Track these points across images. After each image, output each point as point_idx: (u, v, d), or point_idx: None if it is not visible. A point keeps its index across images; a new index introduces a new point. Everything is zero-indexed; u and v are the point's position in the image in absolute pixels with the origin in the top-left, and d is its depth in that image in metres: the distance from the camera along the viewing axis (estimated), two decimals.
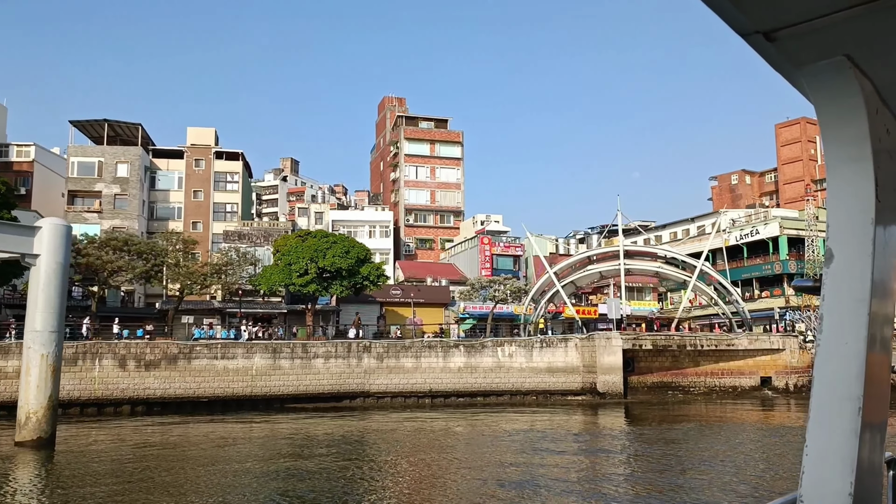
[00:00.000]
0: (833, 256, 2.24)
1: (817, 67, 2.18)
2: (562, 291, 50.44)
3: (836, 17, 1.96)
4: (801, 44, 2.10)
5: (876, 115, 2.26)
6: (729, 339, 47.19)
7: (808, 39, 2.07)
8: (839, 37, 2.06)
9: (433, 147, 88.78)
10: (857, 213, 2.22)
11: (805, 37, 2.06)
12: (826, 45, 2.10)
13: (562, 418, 38.57)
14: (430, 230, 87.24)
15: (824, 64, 2.16)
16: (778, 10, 1.96)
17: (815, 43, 2.09)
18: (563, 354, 45.09)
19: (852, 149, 2.22)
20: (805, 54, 2.15)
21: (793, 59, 2.17)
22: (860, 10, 1.92)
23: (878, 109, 2.28)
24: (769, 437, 31.22)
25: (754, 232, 72.23)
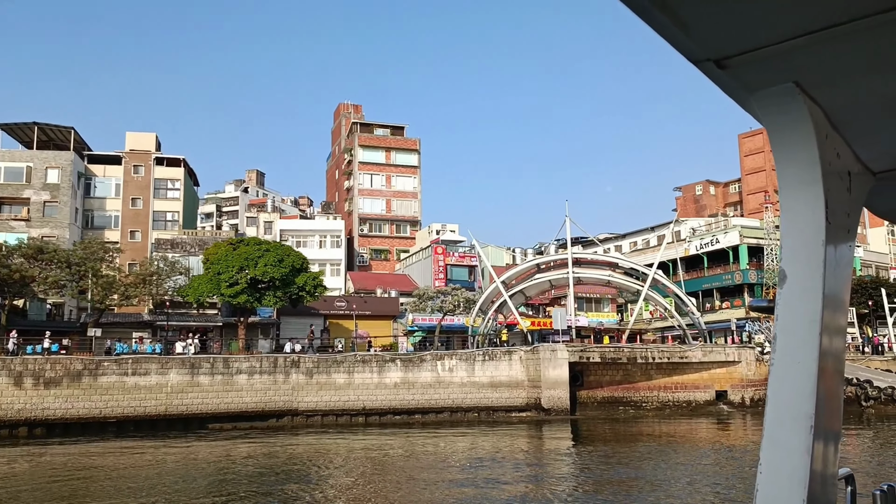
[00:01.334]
0: (786, 277, 2.31)
1: (768, 94, 2.25)
2: (509, 301, 47.83)
3: (785, 46, 2.00)
4: (752, 71, 2.16)
5: (826, 139, 2.34)
6: (682, 351, 44.83)
7: (758, 66, 2.13)
8: (788, 64, 2.12)
9: (389, 155, 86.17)
10: (809, 235, 2.29)
11: (755, 64, 2.11)
12: (775, 72, 2.16)
13: (503, 438, 35.94)
14: (385, 240, 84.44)
15: (774, 90, 2.23)
16: (728, 37, 2.00)
17: (764, 70, 2.15)
18: (506, 368, 42.42)
19: (803, 172, 2.30)
20: (755, 81, 2.22)
21: (744, 85, 2.24)
22: (807, 39, 1.96)
23: (827, 134, 2.36)
24: (724, 457, 29.00)
25: (714, 241, 70.36)
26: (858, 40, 1.99)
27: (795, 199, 2.31)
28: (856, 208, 2.64)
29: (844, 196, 2.46)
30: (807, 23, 1.92)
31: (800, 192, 2.30)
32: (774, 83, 2.20)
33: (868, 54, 2.07)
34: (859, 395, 43.35)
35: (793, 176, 2.31)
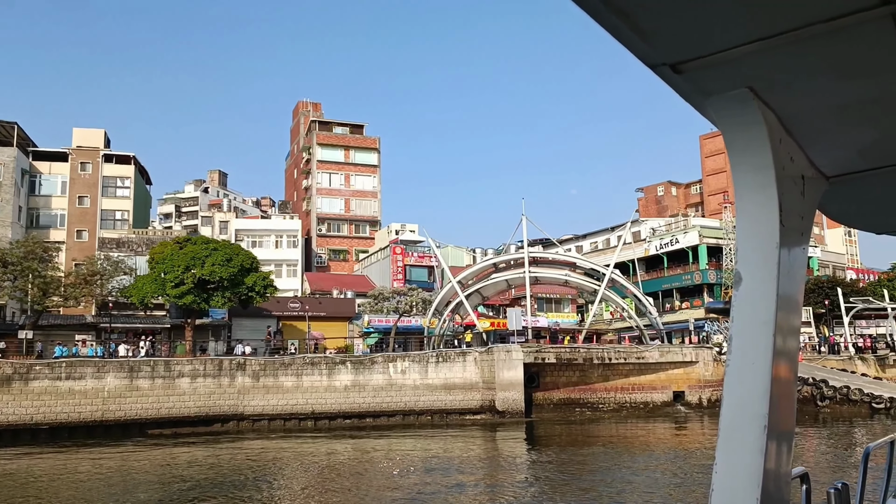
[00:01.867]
0: (741, 279, 2.35)
1: (722, 99, 2.28)
2: (465, 302, 46.82)
3: (738, 51, 2.03)
4: (706, 76, 2.18)
5: (780, 144, 2.38)
6: (639, 351, 44.21)
7: (713, 72, 2.15)
8: (742, 69, 2.14)
9: (348, 153, 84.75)
10: (764, 238, 2.33)
11: (709, 69, 2.14)
12: (730, 77, 2.19)
13: (457, 441, 34.93)
14: (344, 240, 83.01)
15: (729, 95, 2.26)
16: (683, 43, 2.02)
17: (719, 75, 2.17)
18: (460, 370, 41.39)
19: (758, 176, 2.34)
20: (710, 86, 2.24)
21: (699, 90, 2.26)
22: (760, 45, 1.99)
23: (781, 139, 2.40)
24: (681, 461, 28.26)
25: (674, 241, 70.14)
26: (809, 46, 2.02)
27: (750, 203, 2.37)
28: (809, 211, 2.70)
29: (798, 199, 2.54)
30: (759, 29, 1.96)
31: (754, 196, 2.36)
32: (729, 88, 2.24)
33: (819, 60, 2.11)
34: (815, 394, 43.09)
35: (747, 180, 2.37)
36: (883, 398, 40.62)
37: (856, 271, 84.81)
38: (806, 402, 43.24)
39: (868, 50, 2.04)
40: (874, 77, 2.21)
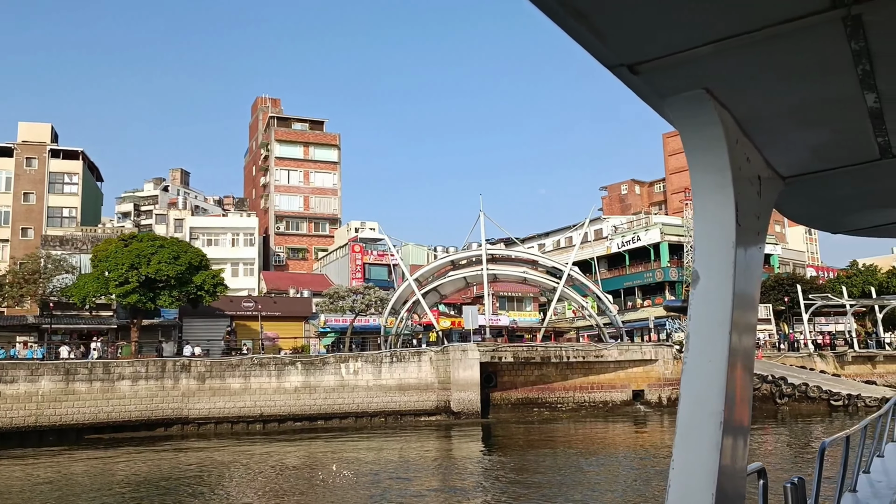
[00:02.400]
0: (699, 278, 2.38)
1: (679, 99, 2.31)
2: (422, 300, 45.69)
3: (694, 53, 2.04)
4: (664, 77, 2.21)
5: (736, 144, 2.41)
6: (598, 349, 43.45)
7: (670, 73, 2.18)
8: (698, 71, 2.17)
9: (307, 150, 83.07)
10: (720, 237, 2.36)
11: (666, 70, 2.16)
12: (686, 78, 2.22)
13: (411, 444, 33.83)
14: (303, 239, 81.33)
15: (686, 96, 2.29)
16: (640, 44, 2.04)
17: (676, 76, 2.21)
18: (415, 370, 40.25)
19: (715, 176, 2.37)
20: (667, 87, 2.27)
21: (657, 91, 2.30)
22: (714, 47, 2.01)
23: (738, 140, 2.44)
24: (640, 461, 27.50)
25: (636, 239, 69.74)
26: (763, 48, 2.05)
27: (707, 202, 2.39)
28: (766, 211, 2.77)
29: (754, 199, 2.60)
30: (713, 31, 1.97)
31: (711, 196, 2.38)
32: (685, 89, 2.27)
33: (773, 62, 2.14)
34: (774, 392, 42.68)
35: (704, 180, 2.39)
36: (841, 395, 40.33)
37: (816, 269, 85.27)
38: (765, 400, 42.82)
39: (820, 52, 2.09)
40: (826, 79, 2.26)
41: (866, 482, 6.71)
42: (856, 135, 2.69)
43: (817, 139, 2.75)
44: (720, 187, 2.35)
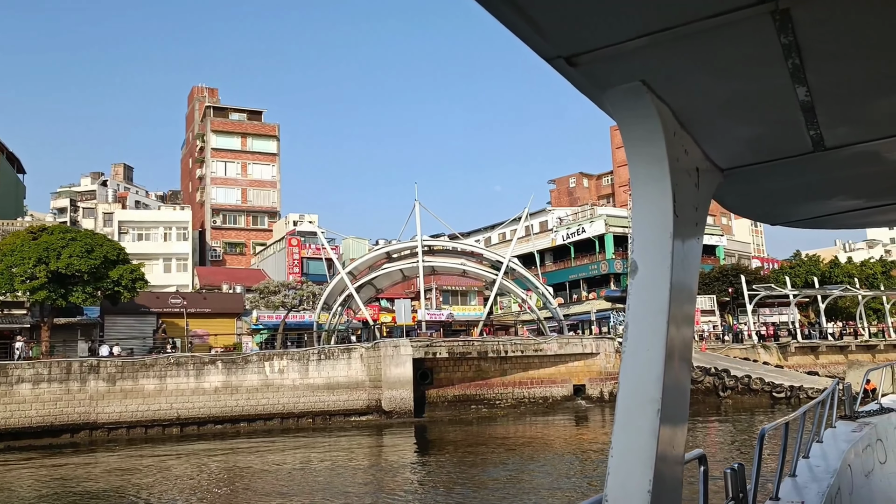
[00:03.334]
0: (637, 269, 2.40)
1: (617, 91, 2.32)
2: (355, 294, 43.53)
3: (630, 45, 2.06)
4: (601, 69, 2.22)
5: (674, 137, 2.43)
6: (537, 343, 41.85)
7: (607, 65, 2.19)
8: (635, 63, 2.19)
9: (245, 141, 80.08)
10: (658, 228, 2.39)
11: (603, 62, 2.17)
12: (623, 70, 2.23)
13: (340, 447, 31.88)
14: (241, 233, 78.38)
15: (623, 88, 2.30)
16: (576, 36, 2.04)
17: (613, 68, 2.22)
18: (345, 367, 38.14)
19: (652, 168, 2.40)
20: (605, 79, 2.28)
21: (594, 83, 2.30)
22: (650, 39, 2.02)
23: (675, 132, 2.46)
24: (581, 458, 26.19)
25: (581, 230, 68.53)
26: (696, 42, 2.07)
27: (645, 194, 2.42)
28: (704, 203, 2.80)
29: (692, 191, 2.62)
30: (649, 23, 1.98)
31: (649, 187, 2.41)
32: (622, 81, 2.28)
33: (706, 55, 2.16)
34: (717, 385, 41.62)
35: (642, 171, 2.42)
36: (783, 387, 39.41)
37: (761, 260, 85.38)
38: (708, 393, 41.75)
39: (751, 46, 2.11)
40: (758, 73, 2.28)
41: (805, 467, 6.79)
42: (789, 128, 2.72)
43: (752, 132, 2.80)
44: (658, 179, 2.38)
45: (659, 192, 2.37)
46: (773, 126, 2.73)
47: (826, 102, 2.49)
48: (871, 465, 8.33)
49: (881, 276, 68.80)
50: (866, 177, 3.54)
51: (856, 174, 3.46)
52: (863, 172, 3.44)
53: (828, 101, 2.49)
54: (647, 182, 2.40)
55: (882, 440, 8.98)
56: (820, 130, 2.71)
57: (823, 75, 2.29)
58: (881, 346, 55.66)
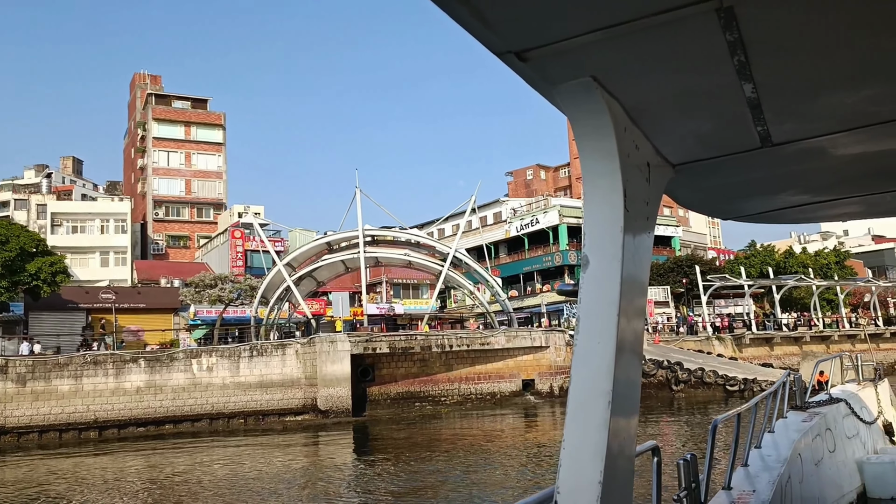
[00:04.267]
0: (589, 262, 2.44)
1: (568, 87, 2.33)
2: (293, 287, 41.25)
3: (580, 41, 2.06)
4: (551, 64, 2.22)
5: (624, 132, 2.46)
6: (483, 336, 40.02)
7: (557, 60, 2.19)
8: (585, 59, 2.19)
9: (189, 130, 77.11)
10: (609, 223, 2.41)
11: (554, 58, 2.17)
12: (574, 66, 2.24)
13: (272, 449, 29.84)
14: (184, 225, 75.46)
15: (574, 84, 2.31)
16: (526, 31, 2.03)
17: (563, 64, 2.22)
18: (279, 364, 35.91)
19: (603, 163, 2.42)
20: (555, 74, 2.29)
21: (545, 78, 2.31)
22: (600, 35, 2.02)
23: (626, 127, 2.48)
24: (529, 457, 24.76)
25: (534, 221, 66.91)
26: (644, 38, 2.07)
27: (596, 188, 2.44)
28: (655, 197, 2.85)
29: (643, 186, 2.66)
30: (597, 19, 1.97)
31: (600, 182, 2.43)
32: (573, 77, 2.28)
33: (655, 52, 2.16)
34: (670, 378, 40.25)
35: (593, 166, 2.44)
36: (737, 380, 38.16)
37: (717, 251, 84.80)
38: (661, 387, 40.38)
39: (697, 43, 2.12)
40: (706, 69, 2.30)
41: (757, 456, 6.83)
42: (737, 124, 2.76)
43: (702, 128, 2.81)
44: (609, 174, 2.38)
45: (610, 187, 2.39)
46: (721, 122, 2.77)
47: (772, 99, 2.53)
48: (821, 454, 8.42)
49: (835, 266, 68.38)
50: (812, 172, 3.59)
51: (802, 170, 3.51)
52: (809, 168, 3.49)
53: (773, 98, 2.53)
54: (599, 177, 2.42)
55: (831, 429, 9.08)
56: (767, 127, 2.78)
57: (768, 72, 2.33)
58: (835, 336, 55.02)
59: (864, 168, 3.56)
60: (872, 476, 9.73)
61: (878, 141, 3.12)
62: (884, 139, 3.09)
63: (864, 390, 11.90)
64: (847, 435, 9.82)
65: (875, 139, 3.08)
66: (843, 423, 9.75)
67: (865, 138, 3.05)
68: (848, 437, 9.82)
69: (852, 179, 3.82)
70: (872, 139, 3.08)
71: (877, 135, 3.01)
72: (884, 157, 3.37)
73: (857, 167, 3.54)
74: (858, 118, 2.82)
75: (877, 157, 3.37)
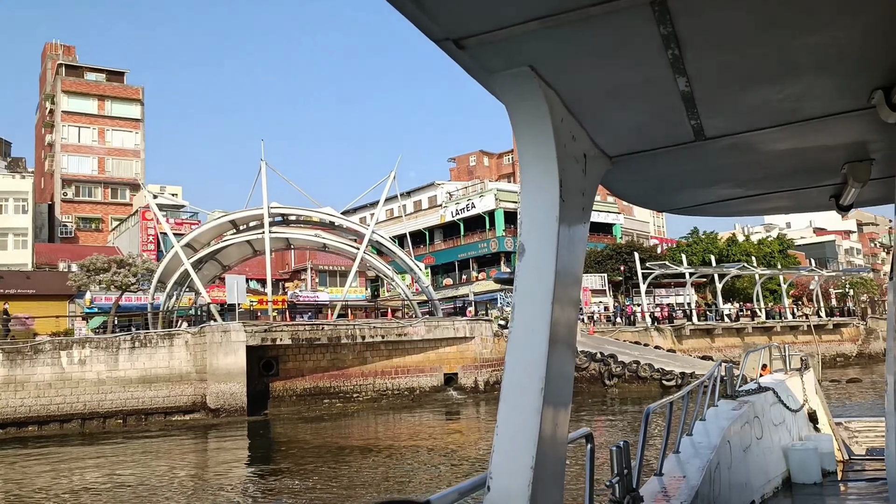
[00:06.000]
0: (525, 251, 2.45)
1: (505, 76, 2.32)
2: (191, 270, 36.95)
3: (517, 30, 2.05)
4: (489, 53, 2.20)
5: (561, 123, 2.46)
6: (400, 327, 36.35)
7: (495, 49, 2.18)
8: (522, 48, 2.17)
9: (103, 104, 71.62)
10: (545, 212, 2.43)
11: (491, 46, 2.16)
12: (511, 55, 2.22)
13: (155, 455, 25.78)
14: (97, 207, 70.08)
15: (511, 73, 2.30)
16: (464, 19, 2.02)
17: (501, 53, 2.21)
18: (165, 357, 31.75)
19: (540, 153, 2.42)
20: (493, 63, 2.27)
21: (483, 66, 2.29)
22: (537, 24, 2.02)
23: (563, 118, 2.48)
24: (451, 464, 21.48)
25: (470, 206, 63.46)
26: (581, 29, 2.06)
27: (532, 178, 2.45)
28: (591, 188, 2.86)
29: (579, 177, 2.67)
30: (536, 8, 1.96)
31: (536, 171, 2.44)
32: (511, 66, 2.26)
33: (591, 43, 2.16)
34: (603, 372, 37.17)
35: (530, 156, 2.44)
36: (674, 374, 35.25)
37: (660, 240, 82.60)
38: (593, 381, 37.31)
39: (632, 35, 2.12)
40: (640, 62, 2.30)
41: (688, 443, 6.97)
42: (672, 117, 2.78)
43: (638, 120, 2.82)
44: (545, 163, 2.37)
45: (546, 177, 2.39)
46: (656, 115, 2.78)
47: (704, 93, 2.55)
48: (749, 441, 8.62)
49: (778, 255, 66.49)
50: (744, 167, 3.68)
51: (734, 164, 3.59)
52: (740, 162, 3.57)
53: (706, 92, 2.55)
54: (535, 166, 2.41)
55: (759, 417, 9.27)
56: (700, 120, 2.81)
57: (701, 66, 2.35)
58: (777, 327, 52.95)
59: (792, 163, 3.70)
60: (797, 462, 9.88)
61: (803, 137, 3.21)
62: (808, 135, 3.18)
63: (790, 380, 12.07)
64: (774, 422, 10.07)
65: (800, 135, 3.16)
66: (770, 411, 9.95)
67: (792, 134, 3.13)
68: (775, 424, 10.06)
69: (781, 174, 3.94)
70: (798, 135, 3.15)
71: (802, 131, 3.09)
72: (809, 153, 3.51)
73: (785, 162, 3.65)
74: (785, 114, 2.88)
75: (802, 153, 3.50)
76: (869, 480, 10.01)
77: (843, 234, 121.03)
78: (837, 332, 57.36)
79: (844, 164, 3.70)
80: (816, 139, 3.26)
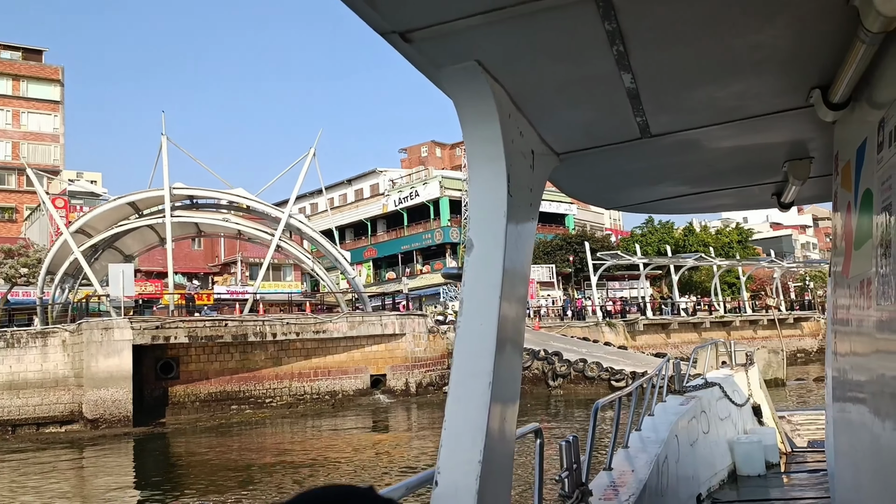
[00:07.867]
0: (473, 246, 2.40)
1: (452, 70, 2.29)
2: (81, 259, 32.35)
3: (464, 23, 2.01)
4: (436, 47, 2.17)
5: (509, 118, 2.43)
6: (318, 323, 32.23)
7: (441, 43, 2.14)
8: (469, 43, 2.14)
9: (18, 85, 66.09)
10: (493, 208, 2.38)
11: (438, 40, 2.12)
12: (458, 49, 2.19)
13: (18, 476, 21.52)
14: (11, 195, 64.59)
15: (458, 68, 2.27)
16: (410, 12, 2.00)
17: (447, 47, 2.17)
18: (38, 359, 27.27)
19: (488, 148, 2.37)
20: (440, 57, 2.24)
21: (430, 60, 2.26)
22: (483, 19, 1.98)
23: (510, 114, 2.45)
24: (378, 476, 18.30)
25: (414, 194, 59.52)
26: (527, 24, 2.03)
27: (480, 173, 2.40)
28: (539, 185, 2.81)
29: (527, 173, 2.62)
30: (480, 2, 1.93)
31: (484, 167, 2.39)
32: (458, 60, 2.23)
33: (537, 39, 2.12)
34: (547, 371, 33.54)
35: (478, 151, 2.39)
36: (624, 374, 31.68)
37: (614, 231, 79.50)
38: (536, 382, 33.67)
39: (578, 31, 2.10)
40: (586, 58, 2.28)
41: (637, 438, 6.98)
42: (618, 114, 2.76)
43: (584, 117, 2.80)
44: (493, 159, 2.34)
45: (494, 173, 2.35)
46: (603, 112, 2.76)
47: (649, 90, 2.54)
48: (696, 435, 8.74)
49: (737, 245, 63.67)
50: (689, 164, 3.71)
51: (679, 161, 3.62)
52: (686, 160, 3.59)
53: (651, 89, 2.54)
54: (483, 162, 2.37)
55: (706, 412, 9.46)
56: (646, 117, 2.80)
57: (646, 63, 2.34)
58: (736, 322, 49.98)
59: (735, 161, 3.73)
60: (742, 455, 9.98)
61: (745, 135, 3.23)
62: (751, 133, 3.22)
63: (736, 375, 12.23)
64: (720, 417, 10.20)
65: (743, 133, 3.19)
66: (716, 405, 10.11)
67: (735, 132, 3.14)
68: (721, 418, 10.22)
69: (725, 172, 3.98)
70: (741, 133, 3.18)
71: (745, 129, 3.12)
72: (752, 151, 3.57)
73: (729, 160, 3.68)
74: (728, 112, 2.89)
75: (746, 151, 3.55)
76: (810, 472, 10.17)
77: (800, 229, 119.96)
78: (798, 326, 54.65)
79: (785, 162, 3.78)
80: (758, 137, 3.31)
